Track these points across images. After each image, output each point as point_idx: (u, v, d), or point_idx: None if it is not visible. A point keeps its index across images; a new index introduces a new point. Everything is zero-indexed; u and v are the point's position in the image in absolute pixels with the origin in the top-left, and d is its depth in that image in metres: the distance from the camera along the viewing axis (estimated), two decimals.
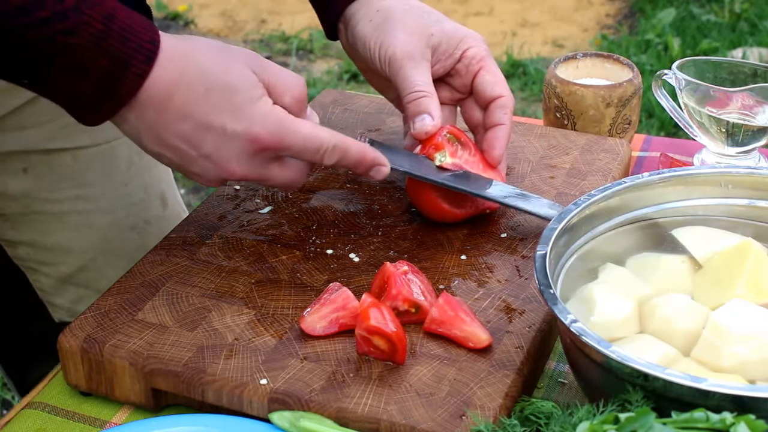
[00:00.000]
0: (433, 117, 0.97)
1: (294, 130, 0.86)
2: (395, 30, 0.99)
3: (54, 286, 1.20)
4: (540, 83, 3.58)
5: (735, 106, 1.13)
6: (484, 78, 1.01)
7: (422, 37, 1.00)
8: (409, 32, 0.99)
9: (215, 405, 0.83)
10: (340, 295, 0.87)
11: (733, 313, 0.77)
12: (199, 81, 0.83)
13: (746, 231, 0.88)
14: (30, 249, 1.18)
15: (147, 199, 1.21)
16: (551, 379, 0.88)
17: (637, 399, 0.70)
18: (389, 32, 1.00)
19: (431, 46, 1.00)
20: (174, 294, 0.91)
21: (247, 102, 0.84)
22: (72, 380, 0.87)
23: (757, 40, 3.73)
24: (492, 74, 1.01)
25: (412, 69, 0.98)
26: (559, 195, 1.04)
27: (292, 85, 0.87)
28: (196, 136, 0.84)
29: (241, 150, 0.85)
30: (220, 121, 0.84)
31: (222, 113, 0.84)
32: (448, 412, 0.78)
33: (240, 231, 0.99)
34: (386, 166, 0.93)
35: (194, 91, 0.83)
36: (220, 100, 0.84)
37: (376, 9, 1.01)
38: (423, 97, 0.98)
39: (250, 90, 0.84)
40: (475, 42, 1.02)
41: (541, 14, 4.31)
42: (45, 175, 1.14)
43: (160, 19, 4.29)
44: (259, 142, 0.85)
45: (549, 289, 0.76)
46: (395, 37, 0.99)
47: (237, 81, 0.84)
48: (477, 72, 1.01)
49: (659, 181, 0.88)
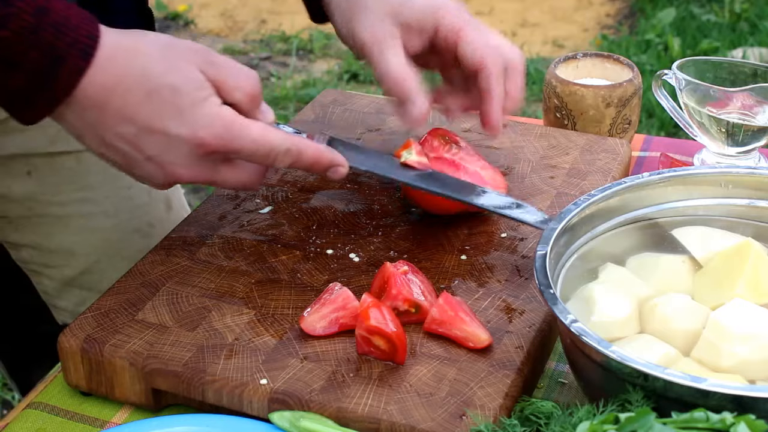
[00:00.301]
0: (417, 103, 0.93)
1: (242, 134, 0.82)
2: (361, 16, 0.95)
3: (57, 289, 1.20)
4: (540, 83, 3.58)
5: (735, 106, 1.13)
6: (464, 49, 0.94)
7: (389, 17, 0.94)
8: (375, 15, 0.95)
9: (215, 405, 0.83)
10: (340, 295, 0.87)
11: (733, 313, 0.77)
12: (140, 83, 0.80)
13: (746, 231, 0.88)
14: (33, 252, 1.18)
15: (151, 201, 1.20)
16: (551, 379, 0.88)
17: (637, 399, 0.70)
18: (356, 19, 0.96)
19: (400, 25, 0.94)
20: (174, 294, 0.91)
21: (191, 104, 0.80)
22: (72, 380, 0.87)
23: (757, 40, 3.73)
24: (470, 42, 0.94)
25: (384, 53, 0.94)
26: (559, 195, 1.04)
27: (244, 81, 0.83)
28: (138, 140, 0.81)
29: (187, 153, 0.82)
30: (163, 125, 0.80)
31: (165, 117, 0.80)
32: (448, 412, 0.78)
33: (240, 231, 0.99)
34: (344, 167, 0.89)
35: (135, 93, 0.80)
36: (163, 103, 0.80)
37: None
38: (401, 83, 0.93)
39: (194, 91, 0.81)
40: (448, 13, 0.95)
41: (541, 14, 4.30)
42: (48, 178, 1.14)
43: (160, 19, 4.29)
44: (205, 146, 0.82)
45: (549, 289, 0.76)
46: (361, 24, 0.95)
47: (181, 82, 0.80)
48: (456, 44, 0.95)
49: (659, 181, 0.88)
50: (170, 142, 0.81)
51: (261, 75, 3.84)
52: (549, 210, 1.01)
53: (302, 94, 3.59)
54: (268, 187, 1.06)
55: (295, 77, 3.76)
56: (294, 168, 0.88)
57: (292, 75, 3.80)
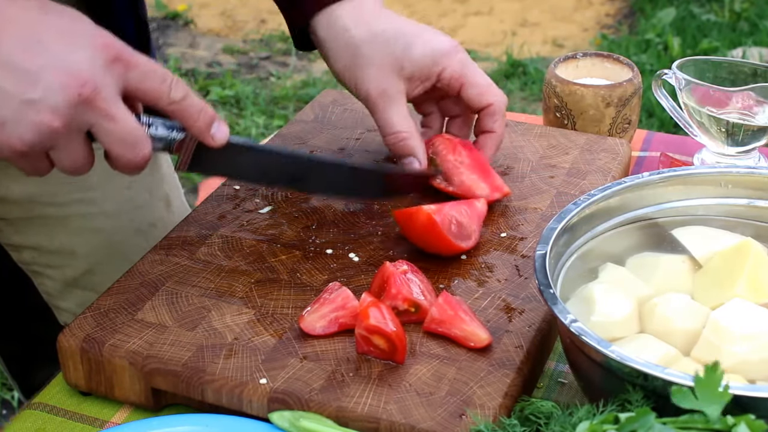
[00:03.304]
0: (419, 160, 0.99)
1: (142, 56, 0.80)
2: (365, 67, 0.98)
3: (59, 290, 1.20)
4: (540, 83, 3.58)
5: (735, 105, 1.13)
6: (468, 92, 1.00)
7: (393, 70, 0.98)
8: (379, 67, 0.98)
9: (215, 405, 0.82)
10: (339, 295, 0.87)
11: (733, 313, 0.77)
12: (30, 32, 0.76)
13: (746, 231, 0.88)
14: (35, 253, 1.18)
15: (151, 201, 1.20)
16: (551, 379, 0.88)
17: (637, 399, 0.70)
18: (360, 70, 0.99)
19: (404, 78, 0.99)
20: (173, 294, 0.91)
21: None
22: (72, 380, 0.87)
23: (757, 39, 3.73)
24: (475, 86, 1.00)
25: (388, 109, 0.98)
26: (558, 194, 1.04)
27: None
28: (39, 42, 0.76)
29: (91, 56, 0.77)
30: (69, 27, 0.78)
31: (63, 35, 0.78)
32: (447, 411, 0.78)
33: (240, 231, 0.99)
34: (226, 126, 0.86)
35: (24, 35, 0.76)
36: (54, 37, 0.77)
37: (344, 44, 1.00)
38: (403, 140, 0.99)
39: None
40: (448, 61, 0.99)
41: (541, 14, 4.30)
42: (48, 179, 1.13)
43: (159, 18, 4.29)
44: (112, 48, 0.78)
45: (549, 289, 0.76)
46: (367, 74, 0.98)
47: None
48: (459, 89, 1.00)
49: (659, 180, 0.88)
50: (75, 46, 0.77)
51: (261, 75, 3.84)
52: (549, 209, 1.01)
53: (302, 94, 3.59)
54: (268, 187, 1.06)
55: (294, 77, 3.76)
56: (180, 113, 0.83)
57: (292, 75, 3.80)
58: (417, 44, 0.99)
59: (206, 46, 4.09)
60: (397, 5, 4.33)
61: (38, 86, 0.76)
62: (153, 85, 0.81)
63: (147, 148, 0.82)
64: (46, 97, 0.76)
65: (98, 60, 0.78)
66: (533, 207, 1.02)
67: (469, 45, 4.01)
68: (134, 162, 0.82)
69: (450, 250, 0.94)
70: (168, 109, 0.83)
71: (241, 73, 3.85)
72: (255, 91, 3.66)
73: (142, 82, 0.80)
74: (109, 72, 0.78)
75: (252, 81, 3.76)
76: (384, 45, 0.98)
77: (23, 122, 0.76)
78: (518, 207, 1.02)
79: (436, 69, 0.99)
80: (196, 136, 0.85)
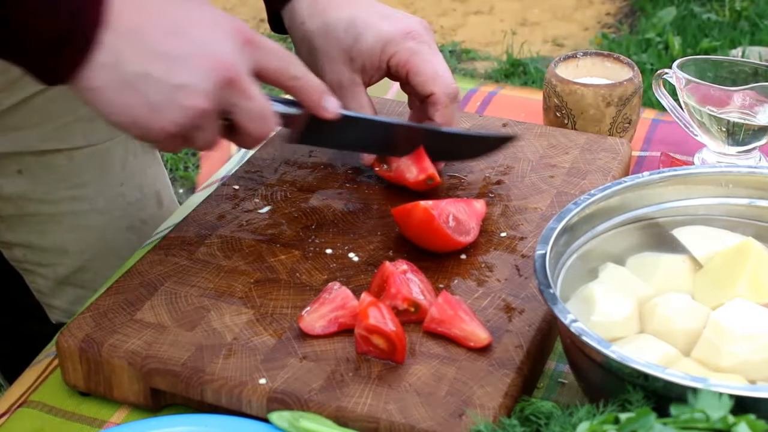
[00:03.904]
0: None
1: None
2: (319, 60, 1.01)
3: (51, 288, 1.20)
4: (540, 82, 3.58)
5: (735, 105, 1.13)
6: (413, 80, 1.00)
7: (344, 62, 1.00)
8: (332, 60, 1.00)
9: (214, 405, 0.82)
10: (339, 295, 0.86)
11: (734, 313, 0.77)
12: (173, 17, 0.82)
13: (747, 230, 0.88)
14: (26, 250, 1.18)
15: (143, 198, 1.21)
16: (551, 379, 0.88)
17: (638, 399, 0.69)
18: (316, 63, 1.01)
19: (357, 70, 1.00)
20: (173, 294, 0.90)
21: None
22: (70, 380, 0.87)
23: (757, 38, 3.73)
24: (419, 74, 0.99)
25: (345, 101, 0.99)
26: (559, 194, 1.04)
27: None
28: (182, 30, 0.81)
29: (230, 41, 0.83)
30: (205, 15, 0.83)
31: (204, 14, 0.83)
32: (447, 411, 0.78)
33: (239, 230, 0.99)
34: (335, 99, 0.93)
35: (166, 23, 0.81)
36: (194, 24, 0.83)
37: (301, 36, 1.02)
38: None
39: None
40: (394, 48, 0.99)
41: (541, 13, 4.30)
42: (40, 176, 1.14)
43: None
44: (244, 31, 0.84)
45: (549, 289, 0.75)
46: (321, 67, 1.00)
47: None
48: (406, 77, 1.00)
49: (659, 180, 0.88)
50: (213, 27, 0.83)
51: None
52: (549, 209, 1.01)
53: None
54: (267, 187, 1.06)
55: None
56: (300, 90, 0.90)
57: None
58: (367, 34, 0.99)
59: None
60: (397, 5, 4.33)
61: (187, 71, 0.80)
62: (278, 64, 0.87)
63: (275, 123, 0.89)
64: (196, 82, 0.80)
65: (236, 44, 0.83)
66: (533, 207, 1.02)
67: (470, 44, 4.01)
68: (263, 136, 0.88)
69: (448, 245, 0.93)
70: (288, 85, 0.89)
71: None
72: None
73: (269, 62, 0.86)
74: (244, 54, 0.84)
75: None
76: (335, 37, 0.99)
77: (175, 106, 0.81)
78: (518, 207, 1.02)
79: (384, 57, 0.99)
80: (312, 110, 0.92)
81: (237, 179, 1.07)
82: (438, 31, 4.13)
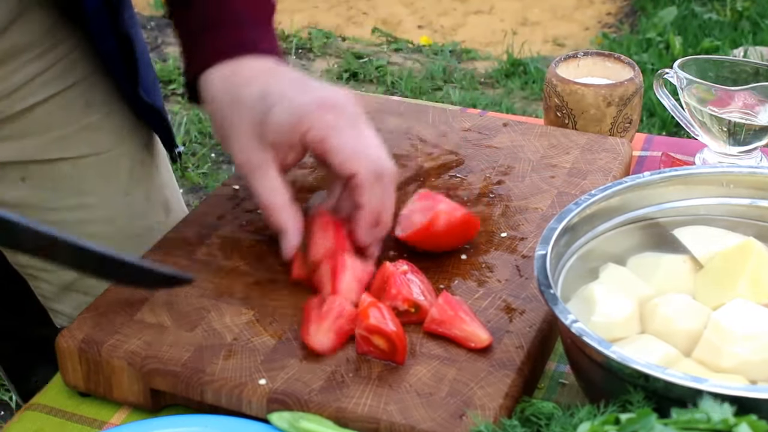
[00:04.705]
0: (287, 235, 0.90)
1: None
2: (231, 136, 0.91)
3: (55, 293, 1.19)
4: (540, 82, 3.58)
5: (737, 105, 1.13)
6: (331, 160, 0.88)
7: (255, 138, 0.89)
8: (242, 136, 0.90)
9: (214, 405, 0.82)
10: (332, 304, 0.85)
11: (735, 313, 0.77)
12: None
13: (748, 231, 0.88)
14: None
15: (149, 207, 1.19)
16: (552, 380, 0.87)
17: (638, 399, 0.69)
18: (228, 139, 0.92)
19: (270, 145, 0.89)
20: (173, 294, 0.90)
21: None
22: (70, 381, 0.87)
23: (758, 38, 3.73)
24: (338, 152, 0.87)
25: (253, 181, 0.90)
26: (559, 194, 1.04)
27: None
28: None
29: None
30: None
31: None
32: (448, 412, 0.77)
33: (239, 231, 0.99)
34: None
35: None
36: None
37: (212, 111, 0.94)
38: (269, 215, 0.91)
39: None
40: (309, 122, 0.87)
41: (542, 13, 4.30)
42: (43, 185, 1.13)
43: (158, 17, 4.29)
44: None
45: (549, 289, 0.75)
46: (232, 144, 0.91)
47: None
48: (324, 157, 0.88)
49: (660, 180, 0.88)
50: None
51: None
52: (550, 209, 1.01)
53: None
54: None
55: None
56: None
57: None
58: (278, 107, 0.88)
59: None
60: (397, 5, 4.33)
61: None
62: None
63: None
64: None
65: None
66: (534, 207, 1.02)
67: (470, 44, 4.01)
68: None
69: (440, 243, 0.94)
70: None
71: None
72: None
73: None
74: None
75: None
76: (245, 110, 0.90)
77: None
78: (519, 207, 1.02)
79: (297, 132, 0.87)
80: None
81: (237, 179, 1.07)
82: (438, 31, 4.13)
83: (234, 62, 0.93)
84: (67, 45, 1.09)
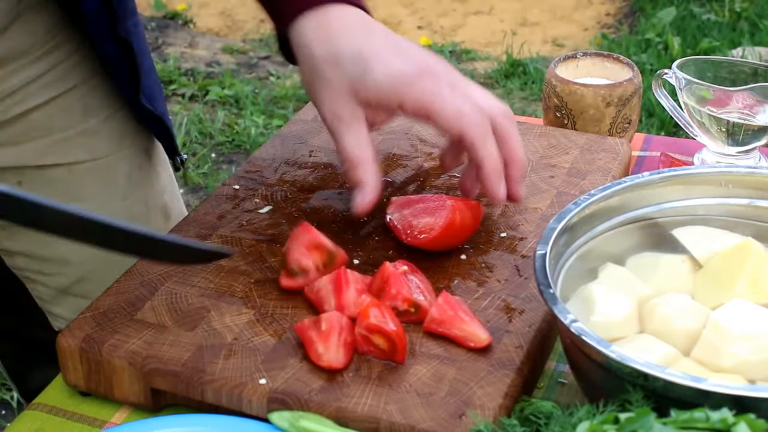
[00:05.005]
0: (365, 192, 0.91)
1: None
2: (322, 88, 0.92)
3: (53, 296, 1.19)
4: (540, 82, 3.58)
5: (735, 105, 1.13)
6: (439, 124, 0.90)
7: (349, 93, 0.90)
8: (334, 90, 0.91)
9: (214, 405, 0.82)
10: (331, 321, 0.84)
11: (734, 313, 0.77)
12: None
13: (746, 231, 0.88)
14: (27, 259, 1.17)
15: (148, 213, 1.19)
16: (551, 379, 0.88)
17: (638, 399, 0.70)
18: (318, 90, 0.92)
19: (361, 103, 0.91)
20: (173, 294, 0.91)
21: None
22: (71, 380, 0.87)
23: (757, 39, 3.73)
24: (442, 116, 0.89)
25: (340, 135, 0.91)
26: (559, 194, 1.04)
27: None
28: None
29: None
30: None
31: None
32: (447, 411, 0.78)
33: (239, 231, 0.99)
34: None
35: None
36: None
37: (305, 60, 0.93)
38: (350, 170, 0.92)
39: None
40: (408, 90, 0.89)
41: (541, 13, 4.30)
42: (40, 189, 1.12)
43: (159, 18, 4.29)
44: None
45: (549, 289, 0.75)
46: (322, 95, 0.92)
47: None
48: (429, 120, 0.90)
49: (659, 180, 0.88)
50: None
51: (260, 74, 3.84)
52: (549, 209, 1.01)
53: (301, 93, 3.58)
54: (267, 187, 1.06)
55: (294, 77, 3.76)
56: None
57: (292, 74, 3.79)
58: (376, 69, 0.89)
59: (205, 45, 4.09)
60: (397, 5, 4.33)
61: None
62: None
63: None
64: None
65: None
66: (533, 207, 1.02)
67: (469, 44, 4.01)
68: None
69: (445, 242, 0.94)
70: None
71: (241, 72, 3.85)
72: (254, 91, 3.66)
73: None
74: None
75: (251, 81, 3.76)
76: (341, 67, 0.90)
77: None
78: (518, 207, 1.02)
79: (396, 97, 0.90)
80: None
81: (237, 179, 1.07)
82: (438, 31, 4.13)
83: (322, 11, 0.93)
84: (66, 48, 1.09)
